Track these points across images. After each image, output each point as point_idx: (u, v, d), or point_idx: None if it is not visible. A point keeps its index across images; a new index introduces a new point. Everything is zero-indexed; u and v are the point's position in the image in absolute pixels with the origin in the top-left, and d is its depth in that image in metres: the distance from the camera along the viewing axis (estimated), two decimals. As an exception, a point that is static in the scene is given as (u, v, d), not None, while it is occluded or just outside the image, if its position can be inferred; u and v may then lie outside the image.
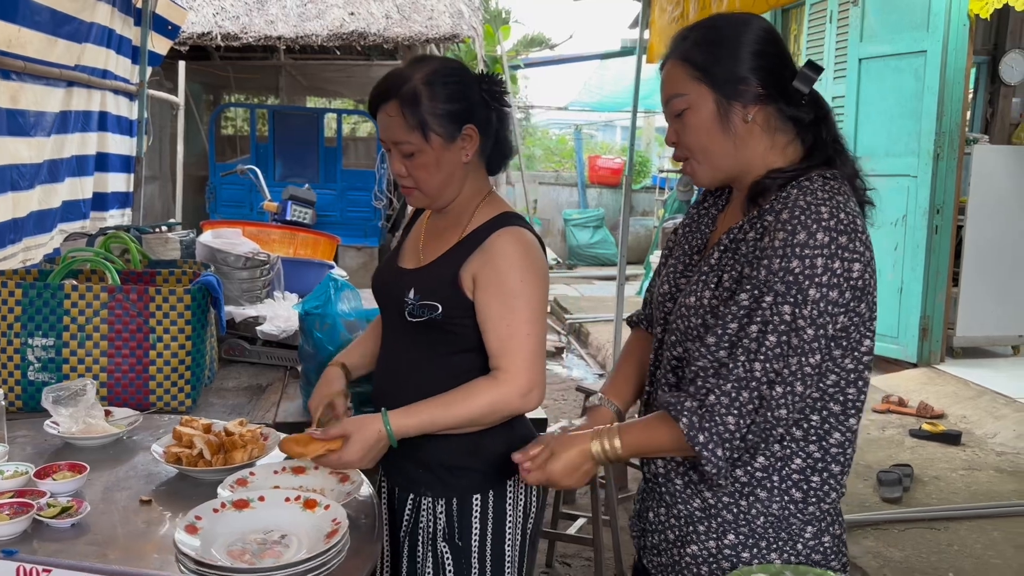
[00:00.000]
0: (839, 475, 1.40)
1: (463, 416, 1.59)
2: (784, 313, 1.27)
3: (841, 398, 1.37)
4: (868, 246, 1.33)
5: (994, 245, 5.80)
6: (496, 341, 1.62)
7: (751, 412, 1.29)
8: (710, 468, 1.32)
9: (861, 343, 1.35)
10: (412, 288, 1.66)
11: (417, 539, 1.72)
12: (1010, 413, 4.75)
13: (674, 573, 1.48)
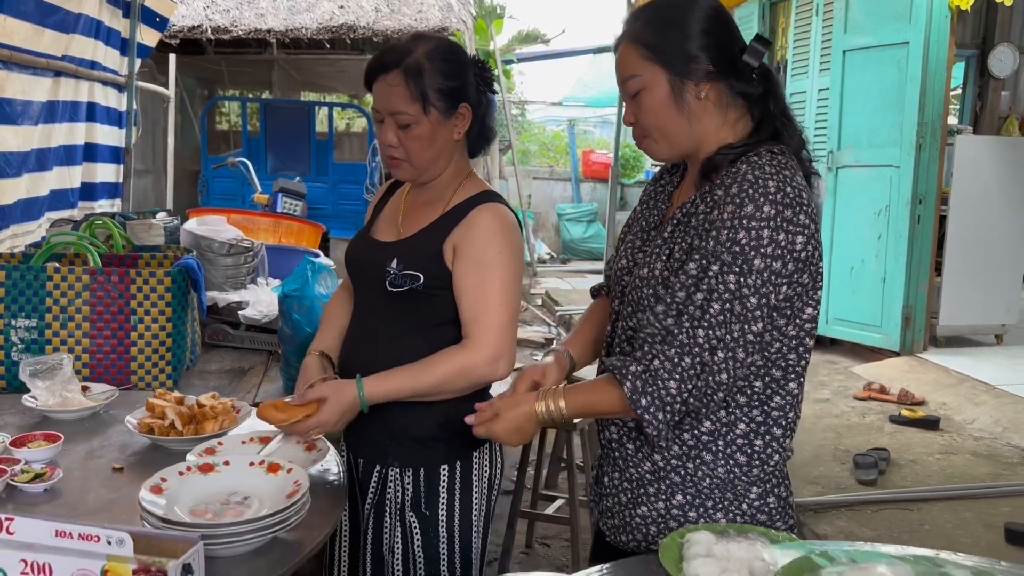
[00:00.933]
0: (781, 438, 1.45)
1: (433, 382, 1.64)
2: (729, 282, 1.33)
3: (783, 364, 1.42)
4: (813, 219, 1.38)
5: (977, 235, 5.85)
6: (469, 310, 1.68)
7: (693, 377, 1.35)
8: (651, 431, 1.38)
9: (803, 311, 1.41)
10: (395, 259, 1.71)
11: (384, 510, 1.77)
12: (989, 400, 4.81)
13: (626, 534, 1.54)
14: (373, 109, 1.72)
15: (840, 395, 5.14)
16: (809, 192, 1.42)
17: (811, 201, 1.40)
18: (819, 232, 1.38)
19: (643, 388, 1.36)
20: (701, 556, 1.28)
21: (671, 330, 1.38)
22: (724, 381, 1.35)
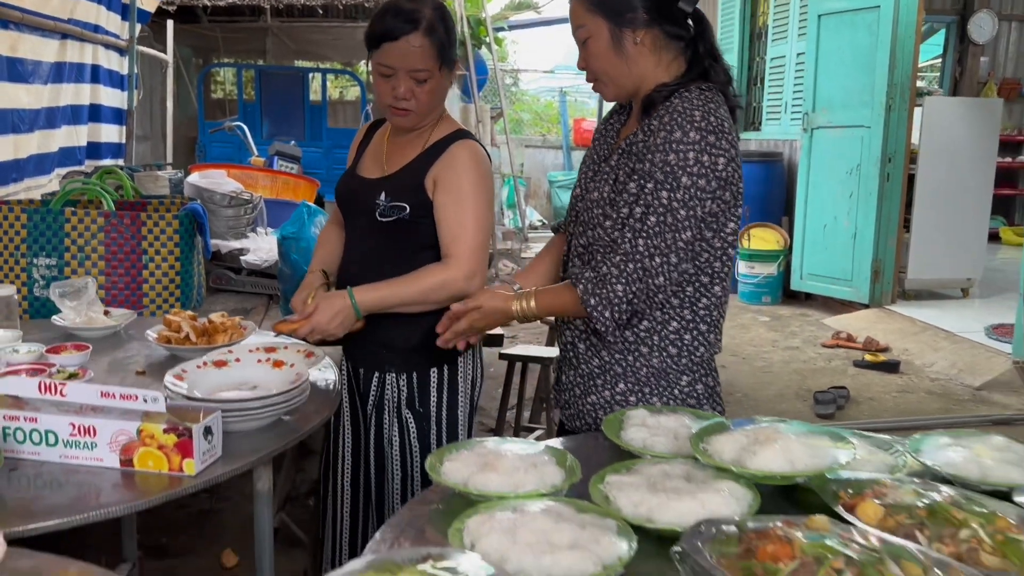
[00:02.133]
0: (706, 332, 1.71)
1: (416, 292, 1.90)
2: (662, 197, 1.58)
3: (710, 271, 1.68)
4: (733, 144, 1.63)
5: (944, 192, 6.11)
6: (448, 234, 1.92)
7: (636, 280, 1.60)
8: (600, 327, 1.63)
9: (726, 225, 1.66)
10: (383, 192, 1.95)
11: (384, 408, 2.03)
12: (948, 346, 5.10)
13: (579, 419, 1.80)
14: (382, 65, 1.89)
15: (809, 343, 5.42)
16: (731, 122, 1.67)
17: (732, 129, 1.65)
18: (739, 156, 1.63)
19: (593, 290, 1.61)
20: (636, 425, 1.55)
21: (617, 241, 1.63)
22: (661, 284, 1.61)
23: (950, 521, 1.16)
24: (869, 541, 1.07)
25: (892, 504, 1.22)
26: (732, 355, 5.22)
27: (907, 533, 1.16)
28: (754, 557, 1.08)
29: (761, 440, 1.38)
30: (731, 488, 1.30)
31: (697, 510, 1.22)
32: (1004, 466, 1.41)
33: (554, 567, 1.07)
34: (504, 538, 1.12)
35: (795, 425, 1.46)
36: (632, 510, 1.25)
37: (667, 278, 1.61)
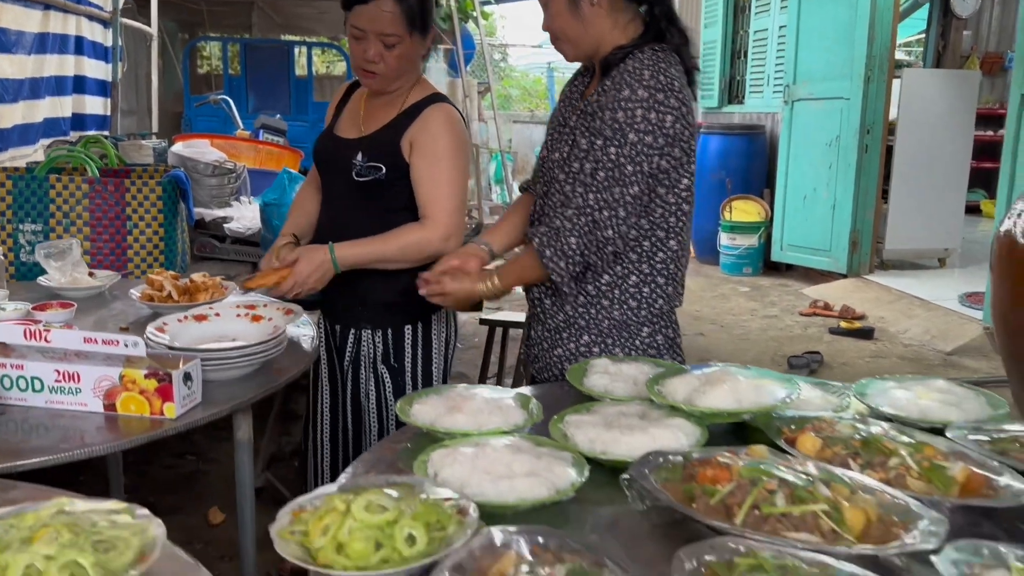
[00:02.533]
0: (664, 285, 1.79)
1: (394, 251, 1.96)
2: (610, 153, 1.65)
3: (665, 226, 1.75)
4: (683, 102, 1.69)
5: (921, 163, 6.19)
6: (425, 195, 1.98)
7: (587, 233, 1.67)
8: (556, 278, 1.71)
9: (680, 182, 1.73)
10: (360, 152, 2.01)
11: (360, 364, 2.10)
12: (923, 313, 5.20)
13: (547, 371, 1.88)
14: (354, 27, 1.94)
15: (787, 312, 5.52)
16: (683, 81, 1.72)
17: (684, 88, 1.70)
18: (690, 115, 1.70)
19: (548, 242, 1.69)
20: (599, 373, 1.63)
21: (570, 196, 1.70)
22: (610, 236, 1.68)
23: (881, 451, 1.25)
24: (803, 467, 1.16)
25: (829, 437, 1.31)
26: (711, 323, 5.32)
27: (841, 462, 1.25)
28: (695, 481, 1.16)
29: (711, 381, 1.46)
30: (681, 424, 1.38)
31: (648, 443, 1.30)
32: (944, 407, 1.50)
33: (510, 492, 1.15)
34: (465, 467, 1.20)
35: (747, 369, 1.55)
36: (588, 445, 1.33)
37: (616, 231, 1.68)
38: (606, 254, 1.71)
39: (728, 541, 1.00)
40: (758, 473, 1.12)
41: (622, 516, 1.18)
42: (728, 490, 1.11)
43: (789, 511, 1.06)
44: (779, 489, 1.09)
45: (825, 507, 1.06)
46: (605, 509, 1.20)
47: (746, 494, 1.09)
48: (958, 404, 1.50)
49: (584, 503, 1.21)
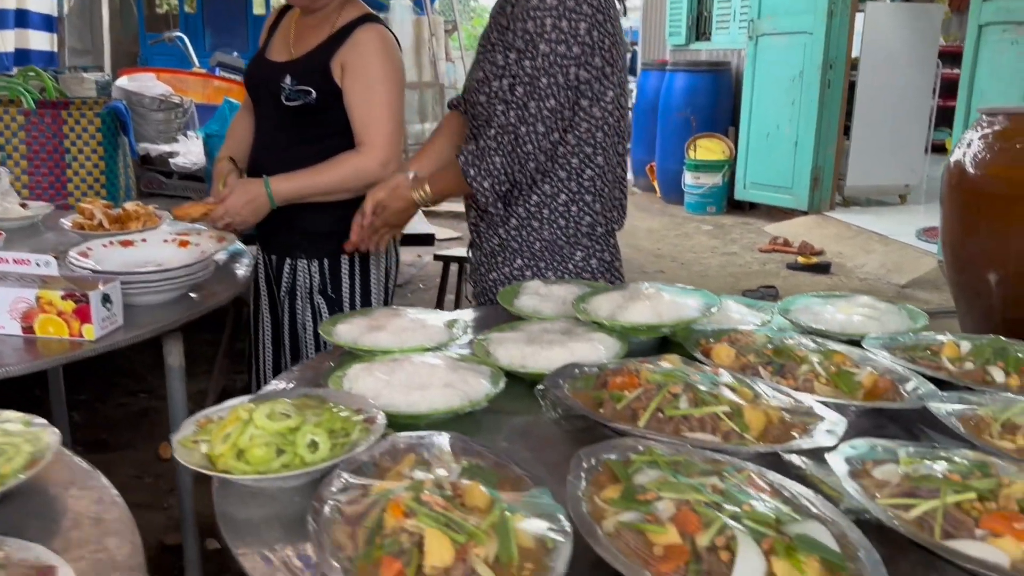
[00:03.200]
0: (591, 203, 1.77)
1: (331, 181, 1.93)
2: (525, 66, 1.62)
3: (592, 142, 1.73)
4: (598, 9, 1.63)
5: (884, 99, 6.19)
6: (360, 120, 1.94)
7: (510, 152, 1.65)
8: (480, 197, 1.69)
9: (605, 94, 1.70)
10: (288, 75, 1.95)
11: (296, 294, 2.08)
12: (880, 248, 5.26)
13: (484, 296, 1.88)
14: None
15: (747, 249, 5.56)
16: None
17: None
18: (609, 23, 1.65)
19: (472, 161, 1.67)
20: (530, 294, 1.63)
21: (491, 114, 1.68)
22: (530, 151, 1.65)
23: (792, 359, 1.27)
24: (711, 374, 1.17)
25: (744, 347, 1.32)
26: (672, 261, 5.34)
27: (752, 370, 1.26)
28: (605, 388, 1.17)
29: (634, 298, 1.47)
30: (602, 339, 1.39)
31: (566, 357, 1.31)
32: (864, 320, 1.52)
33: (421, 402, 1.16)
34: (379, 380, 1.20)
35: (673, 286, 1.55)
36: (507, 359, 1.33)
37: (536, 146, 1.65)
38: (529, 171, 1.69)
39: (630, 442, 1.01)
40: (664, 378, 1.14)
41: (535, 424, 1.19)
42: (634, 395, 1.12)
43: (691, 413, 1.08)
44: (683, 393, 1.10)
45: (726, 409, 1.08)
46: (519, 418, 1.21)
47: (651, 398, 1.11)
48: (878, 318, 1.52)
49: (500, 413, 1.22)
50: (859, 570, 0.78)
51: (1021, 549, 0.80)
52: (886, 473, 0.95)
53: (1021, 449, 1.03)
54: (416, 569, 0.77)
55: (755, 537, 0.79)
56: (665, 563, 0.78)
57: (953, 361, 1.28)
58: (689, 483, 0.88)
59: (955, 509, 0.86)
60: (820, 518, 0.86)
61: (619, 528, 0.83)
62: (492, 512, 0.83)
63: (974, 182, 3.37)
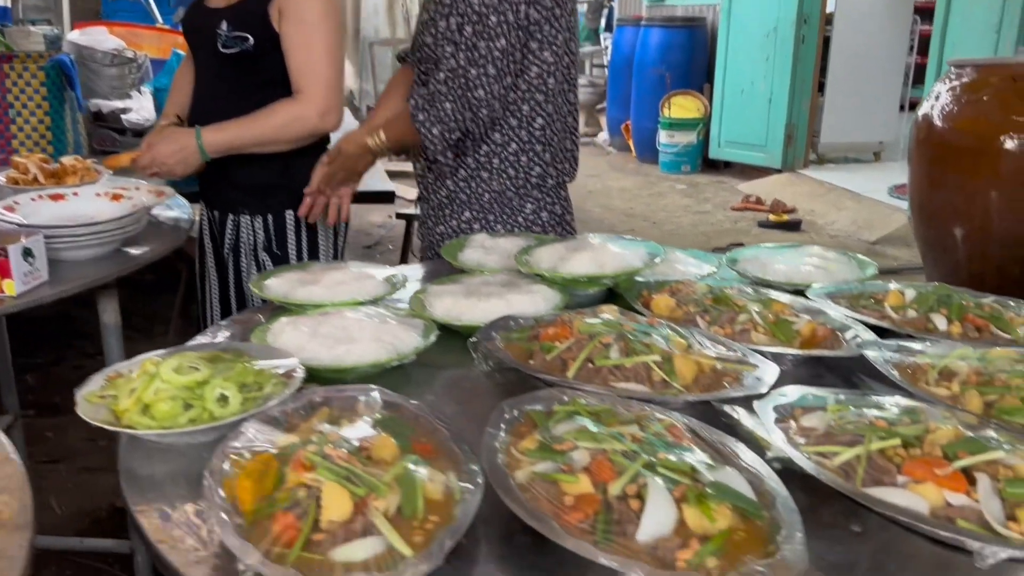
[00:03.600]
0: (542, 152, 1.73)
1: (267, 130, 1.85)
2: (473, 3, 1.56)
3: (544, 88, 1.68)
4: None
5: (858, 55, 6.13)
6: (298, 67, 1.86)
7: (461, 96, 1.60)
8: (428, 144, 1.63)
9: (556, 37, 1.65)
10: (224, 21, 1.87)
11: (240, 251, 2.02)
12: (852, 205, 5.24)
13: (432, 250, 1.84)
14: None
15: (720, 208, 5.53)
16: None
17: None
18: None
19: (422, 106, 1.61)
20: (475, 247, 1.59)
21: (440, 56, 1.62)
22: (482, 97, 1.60)
23: (732, 309, 1.23)
24: (644, 323, 1.14)
25: (684, 297, 1.29)
26: (644, 220, 5.31)
27: (691, 320, 1.23)
28: (537, 340, 1.14)
29: (577, 249, 1.43)
30: (542, 291, 1.35)
31: (503, 309, 1.27)
32: (812, 270, 1.49)
33: (347, 355, 1.12)
34: (303, 334, 1.16)
35: (620, 239, 1.52)
36: (443, 312, 1.29)
37: (487, 91, 1.60)
38: (482, 118, 1.64)
39: (557, 392, 0.98)
40: (596, 328, 1.10)
41: (466, 378, 1.16)
42: (565, 346, 1.09)
43: (621, 363, 1.04)
44: (615, 343, 1.07)
45: (657, 358, 1.04)
46: (451, 371, 1.18)
47: (582, 349, 1.07)
48: (825, 267, 1.49)
49: (431, 367, 1.19)
50: (774, 518, 0.76)
51: (942, 495, 0.78)
52: (814, 421, 0.93)
53: (956, 396, 1.01)
54: (312, 524, 0.73)
55: (668, 485, 0.76)
56: (574, 513, 0.76)
57: (896, 309, 1.26)
58: (607, 432, 0.85)
59: (879, 456, 0.83)
60: (740, 467, 0.83)
61: (532, 478, 0.80)
62: (397, 465, 0.79)
63: (941, 135, 3.34)
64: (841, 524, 0.82)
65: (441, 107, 1.60)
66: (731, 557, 0.70)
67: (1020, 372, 1.01)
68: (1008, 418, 0.95)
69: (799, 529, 0.73)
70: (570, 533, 0.73)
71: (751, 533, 0.74)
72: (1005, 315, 1.22)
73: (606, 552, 0.70)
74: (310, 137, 1.89)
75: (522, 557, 0.77)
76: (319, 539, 0.72)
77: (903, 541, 0.79)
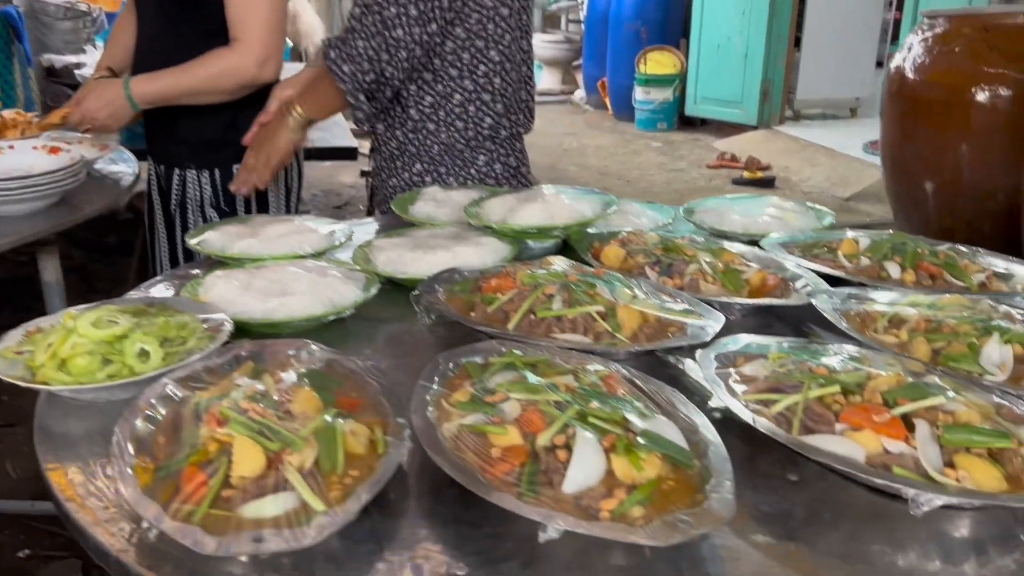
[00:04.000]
0: (491, 102, 1.67)
1: (201, 80, 1.78)
2: None
3: (484, 34, 1.62)
4: None
5: (835, 10, 6.06)
6: (234, 13, 1.77)
7: (376, 35, 1.52)
8: (339, 84, 1.55)
9: None
10: None
11: (187, 208, 1.97)
12: (826, 161, 5.22)
13: (384, 202, 1.79)
14: None
15: (695, 166, 5.49)
16: None
17: None
18: None
19: (335, 44, 1.54)
20: (427, 200, 1.54)
21: None
22: (401, 38, 1.52)
23: (682, 259, 1.20)
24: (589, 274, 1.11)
25: (634, 248, 1.26)
26: (618, 179, 5.26)
27: (640, 271, 1.20)
28: (480, 292, 1.10)
29: (528, 200, 1.39)
30: (490, 243, 1.31)
31: (449, 261, 1.24)
32: (769, 221, 1.46)
33: (279, 309, 1.08)
34: (235, 288, 1.11)
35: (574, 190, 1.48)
36: (387, 265, 1.25)
37: (407, 32, 1.51)
38: (400, 60, 1.55)
39: (495, 345, 0.95)
40: (538, 279, 1.07)
41: (408, 332, 1.13)
42: (507, 297, 1.06)
43: (563, 314, 1.01)
44: (558, 294, 1.04)
45: (600, 309, 1.01)
46: (393, 326, 1.15)
47: (524, 300, 1.04)
48: (782, 218, 1.46)
49: (374, 321, 1.15)
50: (706, 467, 0.73)
51: (880, 443, 0.76)
52: (755, 369, 0.90)
53: (905, 344, 0.99)
54: (222, 480, 0.70)
55: (598, 436, 0.73)
56: (501, 465, 0.73)
57: (850, 258, 1.23)
58: (540, 383, 0.82)
59: (817, 404, 0.81)
60: (675, 417, 0.81)
61: (461, 431, 0.78)
62: (316, 419, 0.76)
63: (913, 88, 3.30)
64: (778, 473, 0.80)
65: (353, 44, 1.52)
66: (658, 507, 0.68)
67: (969, 319, 0.99)
68: (955, 365, 0.93)
69: (729, 478, 0.71)
70: (494, 486, 0.70)
71: (681, 482, 0.72)
72: (959, 262, 1.20)
73: (529, 504, 0.68)
74: (248, 87, 1.80)
75: (449, 511, 0.74)
76: (229, 495, 0.69)
77: (840, 490, 0.77)
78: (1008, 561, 0.69)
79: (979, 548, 0.71)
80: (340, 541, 0.70)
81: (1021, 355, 0.94)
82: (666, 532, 0.64)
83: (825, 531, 0.72)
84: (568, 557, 0.69)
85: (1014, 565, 0.69)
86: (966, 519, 0.74)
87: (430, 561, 0.68)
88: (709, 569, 0.68)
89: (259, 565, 0.67)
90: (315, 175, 5.14)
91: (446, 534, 0.72)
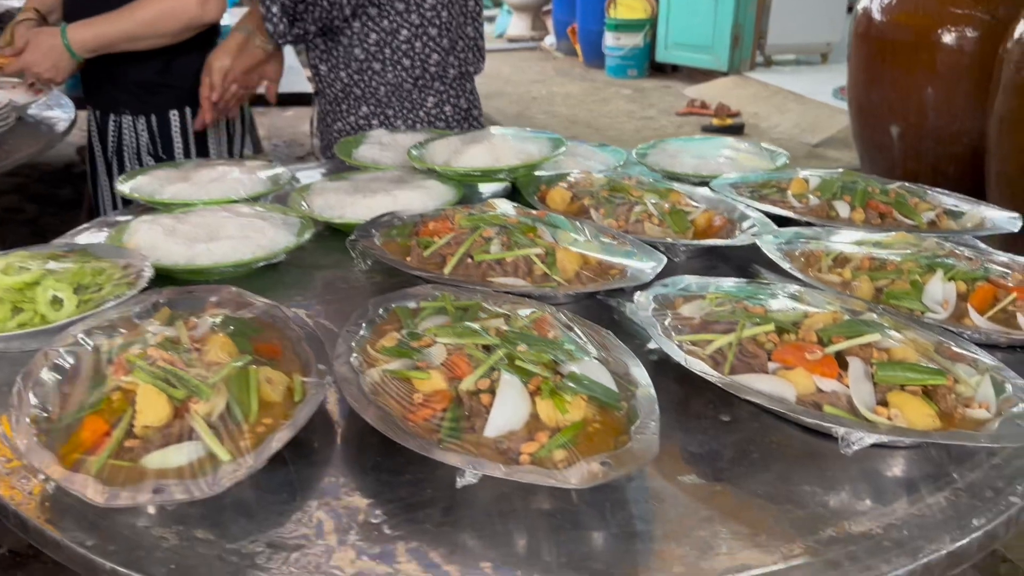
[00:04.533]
0: (438, 37, 1.61)
1: (139, 23, 1.70)
2: None
3: None
4: None
5: (806, -48, 5.97)
6: None
7: None
8: (263, 10, 1.50)
9: None
10: None
11: (124, 155, 1.90)
12: (796, 107, 5.18)
13: (329, 148, 1.73)
14: None
15: (664, 113, 5.43)
16: None
17: None
18: None
19: None
20: (372, 144, 1.49)
21: None
22: None
23: (628, 199, 1.17)
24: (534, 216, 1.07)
25: (581, 190, 1.22)
26: (586, 127, 5.19)
27: (585, 213, 1.17)
28: (416, 235, 1.07)
29: (474, 141, 1.34)
30: (433, 186, 1.27)
31: (388, 205, 1.20)
32: (721, 163, 1.43)
33: (204, 254, 1.04)
34: (159, 233, 1.07)
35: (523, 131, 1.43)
36: (324, 210, 1.21)
37: None
38: None
39: (430, 289, 0.92)
40: (477, 222, 1.03)
41: (344, 279, 1.09)
42: (443, 241, 1.02)
43: (501, 257, 0.98)
44: (496, 237, 1.00)
45: (539, 251, 0.98)
46: (329, 272, 1.11)
47: (461, 244, 1.00)
48: (735, 159, 1.43)
49: (308, 268, 1.12)
50: (633, 408, 0.71)
51: (812, 381, 0.74)
52: (692, 309, 0.88)
53: (848, 282, 0.97)
54: (126, 430, 0.67)
55: (523, 379, 0.71)
56: (423, 410, 0.70)
57: (799, 197, 1.21)
58: (469, 327, 0.79)
59: (750, 343, 0.79)
60: (605, 359, 0.78)
61: (384, 377, 0.75)
62: (227, 366, 0.73)
63: (880, 30, 3.26)
64: (710, 414, 0.78)
65: None
66: (583, 449, 0.66)
67: (913, 256, 0.97)
68: (896, 303, 0.92)
69: (655, 419, 0.69)
70: (413, 432, 0.67)
71: (608, 424, 0.70)
72: (909, 200, 1.18)
73: (447, 449, 0.65)
74: (191, 29, 1.73)
75: (370, 459, 0.72)
76: (132, 445, 0.66)
77: (773, 430, 0.76)
78: (939, 499, 0.68)
79: (910, 486, 0.69)
80: (253, 491, 0.67)
81: (964, 292, 0.92)
82: (585, 475, 0.61)
83: (754, 471, 0.70)
84: (490, 502, 0.67)
85: (944, 503, 0.67)
86: (899, 457, 0.73)
87: (347, 509, 0.66)
88: (633, 511, 0.66)
89: (166, 517, 0.64)
90: (276, 124, 5.02)
91: (366, 482, 0.69)
